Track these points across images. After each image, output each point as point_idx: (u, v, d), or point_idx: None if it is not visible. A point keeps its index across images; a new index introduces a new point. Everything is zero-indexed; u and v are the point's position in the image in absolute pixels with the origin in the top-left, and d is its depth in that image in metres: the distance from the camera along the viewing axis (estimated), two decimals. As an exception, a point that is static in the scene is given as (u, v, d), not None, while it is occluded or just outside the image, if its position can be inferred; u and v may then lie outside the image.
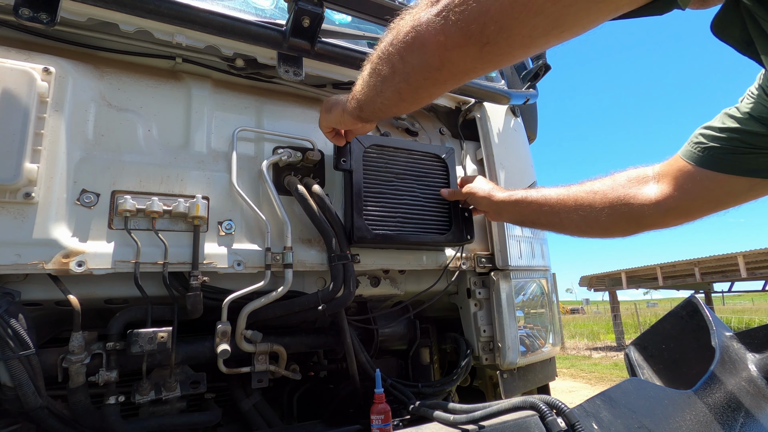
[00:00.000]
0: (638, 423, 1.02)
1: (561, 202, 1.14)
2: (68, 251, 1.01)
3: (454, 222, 1.46)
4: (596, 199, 1.07)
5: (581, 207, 1.09)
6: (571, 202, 1.11)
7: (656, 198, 0.98)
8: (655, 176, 1.01)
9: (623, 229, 1.06)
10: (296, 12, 1.13)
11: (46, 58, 1.08)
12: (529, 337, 1.61)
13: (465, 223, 1.47)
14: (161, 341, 1.09)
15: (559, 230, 1.18)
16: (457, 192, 1.44)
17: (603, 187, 1.07)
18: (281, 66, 1.25)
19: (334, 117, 1.12)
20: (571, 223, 1.12)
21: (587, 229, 1.11)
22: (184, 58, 1.31)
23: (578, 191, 1.12)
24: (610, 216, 1.04)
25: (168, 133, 1.23)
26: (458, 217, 1.47)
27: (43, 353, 1.04)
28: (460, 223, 1.47)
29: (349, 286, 1.26)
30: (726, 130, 0.88)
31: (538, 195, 1.21)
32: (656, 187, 1.00)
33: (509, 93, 1.69)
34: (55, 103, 1.07)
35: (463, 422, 1.06)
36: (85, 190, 1.08)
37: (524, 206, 1.24)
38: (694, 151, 0.93)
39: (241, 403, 1.33)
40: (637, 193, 1.01)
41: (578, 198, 1.10)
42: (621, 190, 1.04)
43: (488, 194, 1.33)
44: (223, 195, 1.24)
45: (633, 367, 1.57)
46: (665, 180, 0.99)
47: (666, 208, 0.97)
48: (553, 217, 1.16)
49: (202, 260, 1.15)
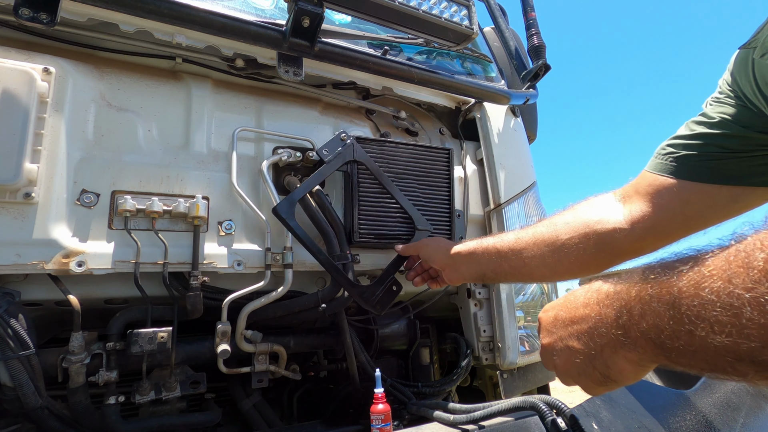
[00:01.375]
0: (638, 423, 1.02)
1: (521, 242, 0.98)
2: (68, 251, 1.01)
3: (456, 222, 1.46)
4: (560, 232, 0.92)
5: (545, 243, 0.94)
6: (532, 241, 0.96)
7: (628, 220, 0.86)
8: (621, 198, 0.91)
9: (597, 262, 0.91)
10: (296, 12, 1.13)
11: (46, 58, 1.08)
12: (529, 337, 1.61)
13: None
14: (161, 341, 1.09)
15: (527, 277, 1.04)
16: (410, 247, 1.30)
17: (565, 219, 0.94)
18: (281, 66, 1.25)
19: (602, 361, 0.56)
20: (538, 263, 0.95)
21: (556, 267, 0.94)
22: (184, 58, 1.31)
23: (537, 228, 0.98)
24: (579, 248, 0.89)
25: (168, 133, 1.23)
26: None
27: (43, 353, 1.04)
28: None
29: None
30: (697, 136, 0.81)
31: (494, 240, 1.06)
32: (625, 207, 0.89)
33: (509, 93, 1.68)
34: (55, 103, 1.07)
35: (463, 422, 1.06)
36: (85, 190, 1.08)
37: (481, 255, 1.06)
38: (665, 162, 0.84)
39: (241, 403, 1.33)
40: (604, 217, 0.89)
41: (539, 234, 0.96)
42: (585, 216, 0.91)
43: (444, 247, 1.18)
44: (223, 195, 1.24)
45: (633, 367, 1.57)
46: (636, 199, 0.88)
47: (642, 229, 0.85)
48: (516, 261, 0.99)
49: (202, 260, 1.15)
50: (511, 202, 1.63)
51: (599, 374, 0.56)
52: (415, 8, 1.19)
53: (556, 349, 0.63)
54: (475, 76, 1.79)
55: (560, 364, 0.62)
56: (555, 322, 0.63)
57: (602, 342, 0.55)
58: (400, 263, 1.34)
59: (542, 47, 1.72)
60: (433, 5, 1.23)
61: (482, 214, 1.65)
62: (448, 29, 1.27)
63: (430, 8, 1.22)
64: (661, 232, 0.85)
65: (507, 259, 1.00)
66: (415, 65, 1.48)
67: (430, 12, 1.22)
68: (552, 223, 0.96)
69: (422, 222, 1.39)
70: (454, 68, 1.74)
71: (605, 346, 0.54)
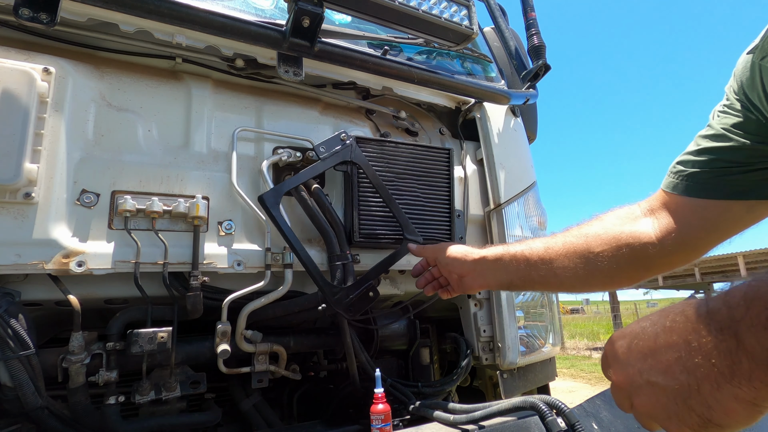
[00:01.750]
0: (638, 423, 1.02)
1: (552, 252, 0.94)
2: (68, 251, 1.01)
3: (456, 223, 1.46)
4: (592, 244, 0.90)
5: (577, 254, 0.91)
6: (563, 252, 0.93)
7: (657, 235, 0.85)
8: (647, 212, 0.90)
9: (629, 276, 0.90)
10: (296, 12, 1.13)
11: (46, 58, 1.08)
12: (529, 337, 1.61)
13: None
14: (161, 341, 1.09)
15: (555, 287, 0.99)
16: (427, 249, 1.21)
17: (595, 231, 0.91)
18: (281, 66, 1.25)
19: (700, 400, 0.46)
20: (570, 275, 0.92)
21: (588, 279, 0.91)
22: (184, 58, 1.31)
23: (567, 238, 0.94)
24: (612, 261, 0.87)
25: (168, 133, 1.23)
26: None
27: (43, 353, 1.04)
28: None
29: (349, 286, 1.26)
30: (704, 152, 0.81)
31: (521, 248, 1.00)
32: (652, 222, 0.87)
33: (509, 93, 1.69)
34: (55, 103, 1.07)
35: (463, 422, 1.06)
36: (85, 190, 1.08)
37: (509, 263, 1.00)
38: (677, 181, 0.84)
39: (241, 403, 1.33)
40: (635, 231, 0.87)
41: (570, 245, 0.92)
42: (616, 230, 0.89)
43: (465, 252, 1.09)
44: (223, 195, 1.24)
45: (633, 367, 1.57)
46: (660, 214, 0.87)
47: (672, 244, 0.84)
48: (546, 272, 0.95)
49: (202, 260, 1.15)
50: (511, 202, 1.64)
51: (697, 417, 0.44)
52: (415, 8, 1.19)
53: (634, 386, 0.50)
54: (475, 76, 1.79)
55: (641, 405, 0.50)
56: (630, 353, 0.51)
57: (698, 375, 0.44)
58: (383, 269, 1.30)
59: (542, 47, 1.72)
60: (433, 5, 1.23)
61: (482, 214, 1.65)
62: (448, 29, 1.27)
63: (430, 8, 1.22)
64: (690, 247, 0.85)
65: (537, 268, 0.96)
66: (415, 65, 1.49)
67: (430, 12, 1.22)
68: (582, 234, 0.93)
69: (411, 230, 1.34)
70: (454, 68, 1.74)
71: (702, 380, 0.43)
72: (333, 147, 1.30)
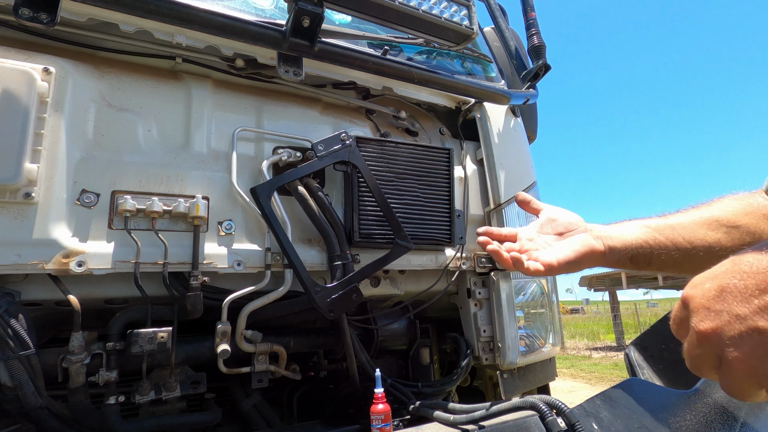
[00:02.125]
0: (638, 423, 1.02)
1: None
2: (68, 251, 1.01)
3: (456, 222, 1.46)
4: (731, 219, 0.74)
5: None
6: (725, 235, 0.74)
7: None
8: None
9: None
10: (296, 12, 1.13)
11: (46, 58, 1.08)
12: (529, 337, 1.61)
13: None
14: (161, 341, 1.09)
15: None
16: (534, 202, 0.95)
17: (724, 207, 0.75)
18: (281, 66, 1.25)
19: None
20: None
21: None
22: (184, 58, 1.31)
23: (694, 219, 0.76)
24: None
25: (168, 133, 1.23)
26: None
27: (43, 353, 1.04)
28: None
29: (349, 286, 1.26)
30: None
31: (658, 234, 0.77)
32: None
33: (509, 93, 1.69)
34: (55, 103, 1.07)
35: (463, 422, 1.06)
36: (85, 190, 1.08)
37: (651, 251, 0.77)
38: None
39: (241, 403, 1.33)
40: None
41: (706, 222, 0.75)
42: (749, 201, 0.75)
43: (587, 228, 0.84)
44: (223, 195, 1.24)
45: (633, 368, 1.57)
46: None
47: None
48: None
49: (202, 260, 1.15)
50: (511, 202, 1.64)
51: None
52: (415, 8, 1.19)
53: (729, 336, 0.40)
54: (475, 76, 1.79)
55: (740, 360, 0.40)
56: (723, 296, 0.42)
57: None
58: (372, 271, 1.28)
59: (542, 47, 1.72)
60: (433, 5, 1.23)
61: (482, 214, 1.65)
62: (448, 29, 1.27)
63: (430, 8, 1.22)
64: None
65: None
66: (415, 65, 1.48)
67: (430, 12, 1.22)
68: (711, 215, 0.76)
69: (403, 236, 1.32)
70: (454, 68, 1.74)
71: None
72: (332, 146, 1.30)
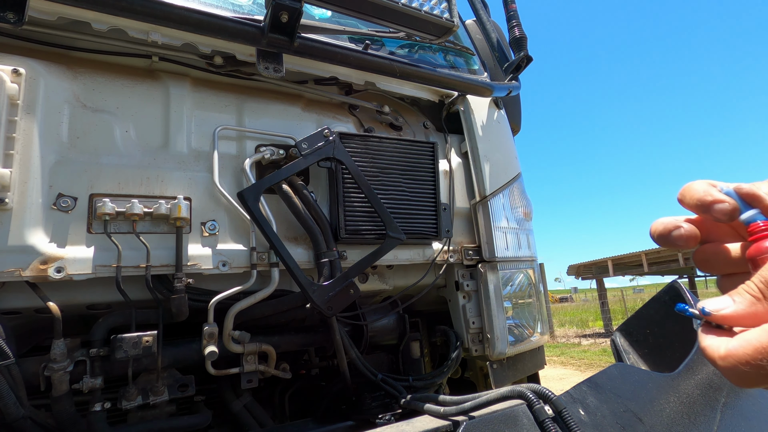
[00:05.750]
0: (623, 407, 1.04)
1: None
2: (46, 257, 0.99)
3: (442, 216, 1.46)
4: None
5: None
6: None
7: None
8: None
9: None
10: (274, 7, 1.11)
11: (15, 59, 1.05)
12: (518, 327, 1.63)
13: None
14: (146, 345, 1.07)
15: None
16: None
17: None
18: (261, 63, 1.23)
19: None
20: None
21: None
22: (161, 57, 1.29)
23: None
24: None
25: (146, 134, 1.21)
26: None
27: (24, 362, 1.02)
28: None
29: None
30: None
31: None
32: None
33: (492, 85, 1.69)
34: (26, 106, 1.04)
35: (453, 414, 1.07)
36: (62, 194, 1.06)
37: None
38: None
39: (232, 405, 1.32)
40: None
41: None
42: None
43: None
44: (205, 195, 1.22)
45: (619, 353, 1.61)
46: None
47: None
48: None
49: (186, 262, 1.14)
50: (496, 194, 1.65)
51: None
52: (394, 1, 1.18)
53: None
54: (458, 69, 1.79)
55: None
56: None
57: None
58: (365, 266, 1.27)
59: (524, 39, 1.73)
60: (412, -2, 1.22)
61: (468, 206, 1.65)
62: (428, 22, 1.27)
63: (410, 1, 1.22)
64: None
65: None
66: (397, 59, 1.48)
67: (410, 5, 1.21)
68: None
69: (394, 228, 1.32)
70: (436, 61, 1.74)
71: None
72: (315, 143, 1.29)
